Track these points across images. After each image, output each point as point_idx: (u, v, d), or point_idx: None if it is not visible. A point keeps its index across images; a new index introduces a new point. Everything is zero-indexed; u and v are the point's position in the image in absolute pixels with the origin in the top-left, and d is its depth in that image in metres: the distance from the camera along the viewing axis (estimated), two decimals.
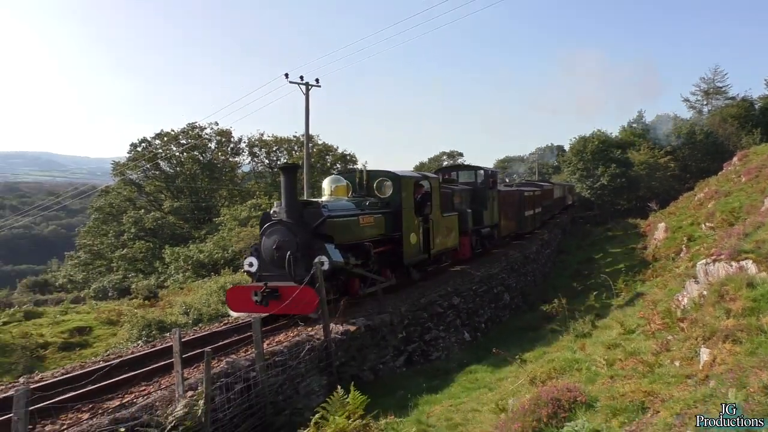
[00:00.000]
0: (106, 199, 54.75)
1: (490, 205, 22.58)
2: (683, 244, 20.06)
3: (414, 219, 15.52)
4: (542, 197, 35.86)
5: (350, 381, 10.68)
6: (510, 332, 17.32)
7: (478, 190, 22.26)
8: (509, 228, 26.40)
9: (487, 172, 23.21)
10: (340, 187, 14.58)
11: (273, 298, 11.46)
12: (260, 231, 12.67)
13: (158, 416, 7.11)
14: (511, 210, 26.68)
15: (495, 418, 7.18)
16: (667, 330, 7.96)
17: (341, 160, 56.01)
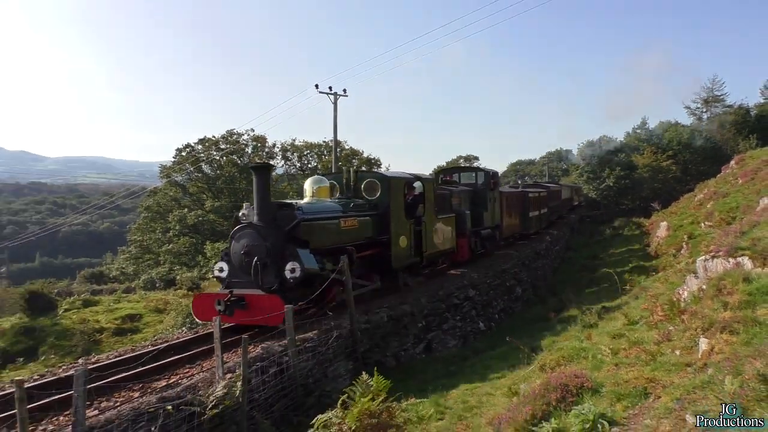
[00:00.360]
0: (154, 199, 55.49)
1: (491, 206, 20.93)
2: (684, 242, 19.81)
3: (404, 221, 14.00)
4: (549, 198, 34.14)
5: (374, 366, 10.72)
6: (522, 322, 17.22)
7: (479, 191, 20.58)
8: (513, 229, 24.89)
9: (487, 173, 21.66)
10: (323, 188, 13.03)
11: (239, 307, 10.04)
12: (230, 234, 11.11)
13: (200, 396, 7.19)
14: (514, 211, 25.19)
15: (507, 402, 7.14)
16: (669, 321, 7.86)
17: (366, 163, 56.08)
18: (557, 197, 39.37)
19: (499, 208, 22.01)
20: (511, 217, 24.35)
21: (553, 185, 42.40)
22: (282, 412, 8.49)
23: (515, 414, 5.61)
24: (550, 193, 35.52)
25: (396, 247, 13.52)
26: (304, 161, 59.18)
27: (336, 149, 34.31)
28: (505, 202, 23.27)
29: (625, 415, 4.97)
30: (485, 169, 22.24)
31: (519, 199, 26.27)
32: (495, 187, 21.52)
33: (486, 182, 21.01)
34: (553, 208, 36.45)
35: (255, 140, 55.78)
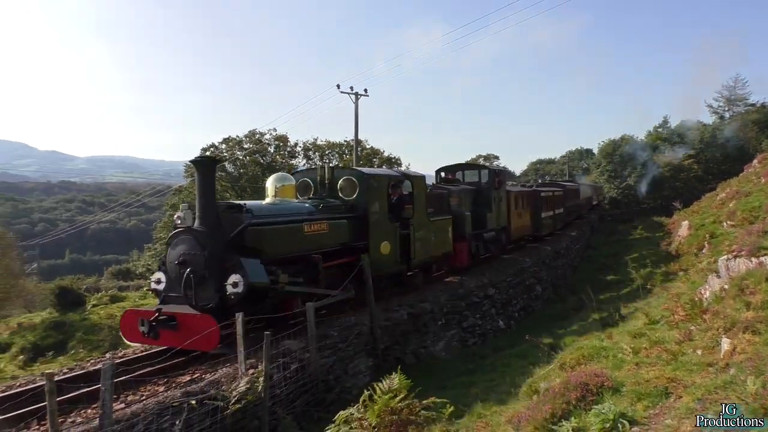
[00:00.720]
0: (179, 197, 56.15)
1: (496, 207, 19.25)
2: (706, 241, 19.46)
3: (388, 224, 12.45)
4: (565, 198, 32.41)
5: (394, 363, 10.75)
6: (541, 321, 17.10)
7: (482, 190, 19.00)
8: (523, 230, 23.42)
9: (492, 171, 20.20)
10: (287, 187, 11.26)
11: (168, 328, 8.45)
12: (167, 240, 9.58)
13: (223, 391, 7.25)
14: (524, 211, 23.65)
15: (527, 400, 7.09)
16: (690, 321, 7.73)
17: (386, 162, 56.09)
18: (575, 196, 37.64)
19: (506, 208, 20.57)
20: (520, 218, 22.91)
21: (571, 184, 40.96)
22: (303, 407, 8.52)
23: (535, 412, 5.56)
24: (567, 192, 33.80)
25: (376, 253, 11.91)
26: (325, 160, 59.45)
27: (357, 148, 34.41)
28: (514, 202, 21.82)
29: (646, 415, 4.90)
30: (489, 166, 20.96)
31: (530, 198, 24.76)
32: (501, 185, 19.91)
33: (490, 181, 19.43)
34: (571, 208, 34.65)
35: (277, 139, 56.13)
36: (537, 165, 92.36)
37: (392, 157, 56.83)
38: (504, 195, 20.31)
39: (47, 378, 5.32)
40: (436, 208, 15.34)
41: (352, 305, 11.71)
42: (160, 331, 8.46)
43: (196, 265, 8.72)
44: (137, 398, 7.04)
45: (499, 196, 19.70)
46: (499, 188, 19.57)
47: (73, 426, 6.07)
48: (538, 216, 25.40)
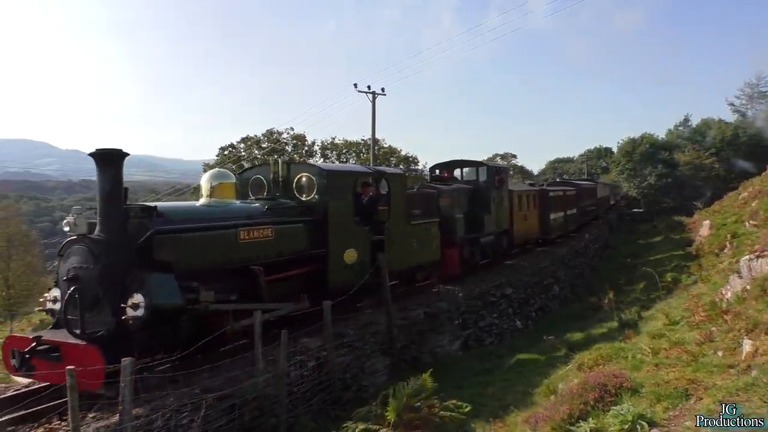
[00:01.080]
0: (197, 196, 56.61)
1: (496, 208, 17.60)
2: (727, 241, 19.18)
3: (354, 229, 10.90)
4: (579, 197, 30.36)
5: (411, 362, 10.76)
6: (559, 321, 16.99)
7: (480, 189, 17.39)
8: (529, 233, 21.79)
9: (491, 168, 18.26)
10: (225, 186, 9.40)
11: (48, 360, 6.80)
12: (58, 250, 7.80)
13: (241, 388, 7.30)
14: (531, 213, 21.95)
15: (545, 400, 7.06)
16: (711, 322, 7.64)
17: (404, 161, 56.08)
18: (591, 195, 35.63)
19: (508, 209, 18.94)
20: (526, 220, 21.22)
21: (586, 182, 39.05)
22: (320, 406, 8.56)
23: (552, 413, 5.54)
24: (581, 191, 31.82)
25: (338, 262, 10.35)
26: (342, 159, 59.60)
27: (374, 147, 34.46)
28: (518, 202, 20.17)
29: (666, 417, 4.85)
30: (489, 163, 18.76)
31: (536, 198, 22.95)
32: (502, 185, 18.23)
33: (489, 179, 17.75)
34: (585, 208, 32.78)
35: (295, 138, 56.37)
36: (555, 164, 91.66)
37: (409, 156, 56.86)
38: (506, 195, 18.79)
39: (69, 374, 5.40)
40: (424, 210, 13.99)
41: (370, 304, 11.72)
42: (37, 364, 6.85)
43: (87, 282, 7.07)
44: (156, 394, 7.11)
45: (500, 196, 18.12)
46: (499, 187, 18.04)
47: (94, 421, 6.15)
48: (546, 217, 23.68)
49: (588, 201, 33.93)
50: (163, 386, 6.96)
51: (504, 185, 18.56)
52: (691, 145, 53.25)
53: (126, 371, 5.81)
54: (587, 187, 35.33)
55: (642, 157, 51.45)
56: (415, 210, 13.63)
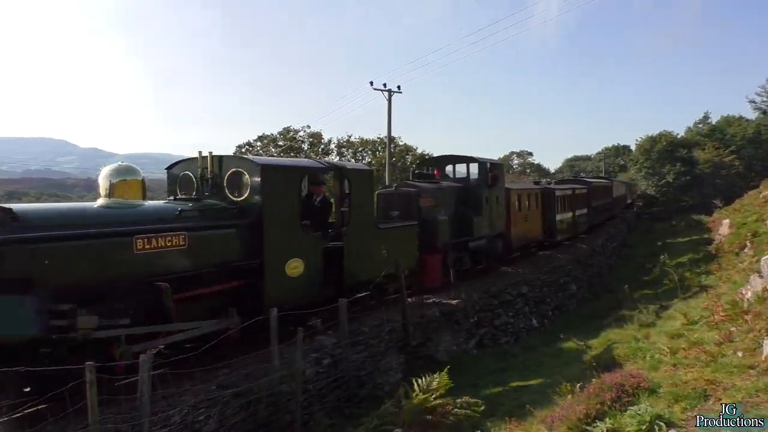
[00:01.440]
0: None
1: (489, 209, 15.98)
2: (748, 240, 18.93)
3: (299, 234, 9.15)
4: (590, 196, 28.54)
5: (426, 360, 10.75)
6: (576, 320, 16.88)
7: (471, 188, 15.83)
8: (529, 236, 19.96)
9: (484, 164, 16.30)
10: (129, 183, 7.87)
11: None
12: None
13: (257, 385, 7.35)
14: (532, 214, 20.19)
15: (561, 400, 7.01)
16: (731, 322, 7.55)
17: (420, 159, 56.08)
18: (605, 194, 33.92)
19: (504, 210, 17.35)
20: (526, 222, 19.54)
21: (600, 180, 37.31)
22: (335, 403, 8.59)
23: (569, 412, 5.50)
24: (593, 189, 29.80)
25: (277, 274, 8.72)
26: (358, 157, 59.69)
27: (390, 145, 34.46)
28: (516, 202, 18.67)
29: (684, 417, 4.80)
30: (481, 159, 16.64)
31: (540, 198, 21.20)
32: (496, 182, 16.45)
33: (481, 177, 16.14)
34: (598, 209, 30.91)
35: (311, 137, 56.53)
36: (572, 162, 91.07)
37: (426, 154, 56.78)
38: (501, 194, 17.10)
39: (88, 370, 5.45)
40: (403, 212, 12.65)
41: (384, 302, 11.71)
42: None
43: None
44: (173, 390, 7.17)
45: (494, 196, 16.45)
46: (493, 185, 16.27)
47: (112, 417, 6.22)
48: (551, 219, 21.79)
49: (602, 200, 32.31)
50: (180, 382, 7.01)
51: (499, 183, 16.85)
52: (710, 142, 52.55)
53: (144, 367, 5.87)
54: (601, 186, 33.63)
55: (660, 155, 50.91)
56: (393, 212, 12.55)
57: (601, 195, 32.34)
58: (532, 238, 20.43)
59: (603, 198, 32.74)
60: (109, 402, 5.99)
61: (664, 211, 48.08)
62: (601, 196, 32.30)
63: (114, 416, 6.01)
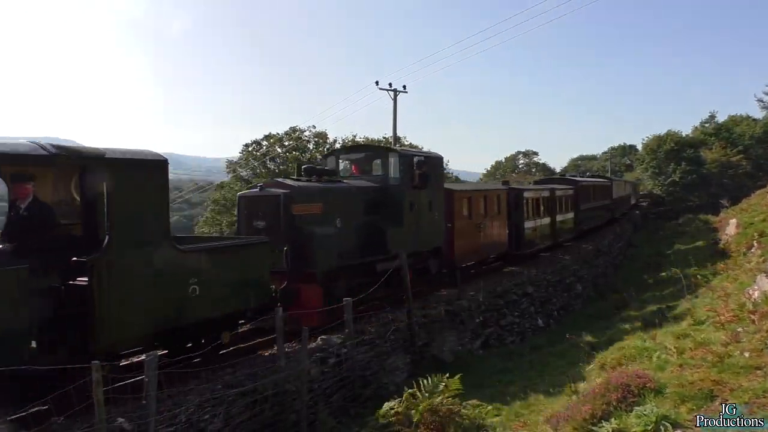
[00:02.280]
0: (221, 193, 57.10)
1: (415, 217, 12.30)
2: (755, 240, 18.84)
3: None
4: (579, 197, 25.17)
5: (431, 360, 10.75)
6: (582, 320, 16.83)
7: (388, 189, 12.07)
8: (482, 251, 16.22)
9: (408, 159, 12.38)
10: None
11: None
12: None
13: (262, 384, 7.36)
14: (491, 221, 16.55)
15: (566, 400, 7.00)
16: (738, 322, 7.51)
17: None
18: (602, 195, 30.58)
19: (443, 218, 13.73)
20: (478, 232, 15.74)
21: (594, 179, 33.18)
22: (340, 402, 8.60)
23: (574, 413, 5.49)
24: (581, 190, 25.92)
25: None
26: None
27: (395, 145, 34.48)
28: (463, 207, 15.20)
29: (690, 418, 4.78)
30: (405, 150, 13.58)
31: (502, 202, 17.73)
32: (425, 182, 12.58)
33: (404, 175, 12.15)
34: (590, 212, 27.52)
35: (317, 136, 56.58)
36: (578, 161, 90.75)
37: None
38: (438, 197, 13.46)
39: (94, 369, 5.47)
40: (269, 223, 9.74)
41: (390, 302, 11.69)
42: None
43: None
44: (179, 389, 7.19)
45: (425, 200, 12.77)
46: (422, 186, 12.56)
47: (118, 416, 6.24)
48: (519, 227, 18.40)
49: (597, 202, 29.19)
50: (185, 382, 7.04)
51: (432, 183, 13.01)
52: (717, 142, 52.28)
53: (150, 366, 5.89)
54: (595, 185, 29.97)
55: (667, 155, 50.72)
56: (258, 222, 9.81)
57: (596, 196, 29.23)
58: (489, 252, 16.81)
59: (599, 199, 29.76)
60: (115, 401, 6.03)
61: (670, 210, 47.90)
62: (596, 197, 29.19)
63: (120, 415, 6.04)
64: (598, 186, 30.87)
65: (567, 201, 23.78)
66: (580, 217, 25.36)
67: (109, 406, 5.74)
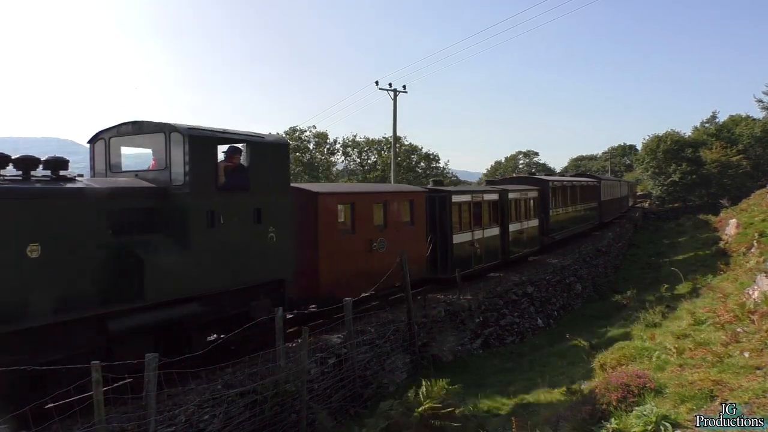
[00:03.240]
0: None
1: (225, 235, 8.07)
2: (754, 240, 18.88)
3: None
4: (546, 201, 20.97)
5: (431, 360, 10.75)
6: (582, 320, 16.85)
7: (165, 192, 7.71)
8: (370, 278, 11.02)
9: (203, 143, 7.90)
10: None
11: None
12: None
13: (262, 384, 7.36)
14: (395, 237, 12.11)
15: (566, 400, 7.00)
16: (737, 322, 7.51)
17: (425, 159, 56.06)
18: (587, 197, 26.99)
19: (293, 234, 9.36)
20: (372, 252, 11.56)
21: (578, 179, 28.77)
22: (340, 402, 8.59)
23: (574, 413, 5.49)
24: (550, 192, 21.49)
25: None
26: (364, 157, 59.79)
27: (395, 145, 34.49)
28: (343, 217, 11.51)
29: (689, 418, 4.78)
30: (197, 130, 7.86)
31: (416, 208, 13.29)
32: (247, 182, 8.51)
33: (197, 169, 7.73)
34: (565, 218, 23.39)
35: (317, 136, 56.64)
36: (578, 161, 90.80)
37: (431, 153, 56.77)
38: (275, 203, 8.99)
39: (94, 369, 5.46)
40: None
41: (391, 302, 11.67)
42: None
43: None
44: (179, 389, 7.18)
45: (243, 209, 8.50)
46: (237, 188, 8.51)
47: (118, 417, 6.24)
48: (445, 242, 14.13)
49: (577, 205, 25.27)
50: (185, 382, 7.03)
51: (264, 180, 8.80)
52: (717, 142, 52.25)
53: (150, 366, 5.89)
54: (575, 186, 25.63)
55: (666, 155, 50.74)
56: None
57: (575, 198, 25.14)
58: (394, 277, 11.30)
59: (580, 201, 25.88)
60: (115, 401, 6.03)
61: (670, 210, 47.93)
62: (575, 200, 25.15)
63: (120, 415, 6.04)
64: (581, 186, 26.63)
65: (528, 206, 19.32)
66: (550, 225, 21.24)
67: (109, 407, 5.73)
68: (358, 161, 60.38)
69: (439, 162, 55.14)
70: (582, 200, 26.39)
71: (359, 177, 57.91)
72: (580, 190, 26.20)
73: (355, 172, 60.19)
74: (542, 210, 20.77)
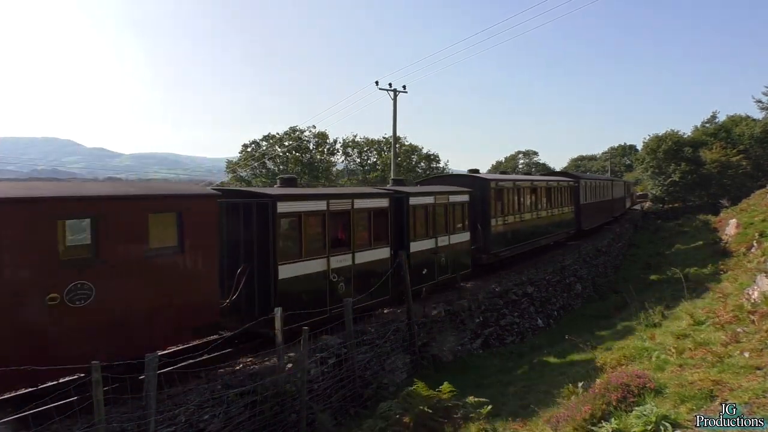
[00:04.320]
0: None
1: None
2: (754, 240, 18.89)
3: None
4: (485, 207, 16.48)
5: (431, 360, 10.74)
6: (582, 320, 16.83)
7: None
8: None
9: None
10: None
11: None
12: None
13: (262, 384, 7.36)
14: (134, 274, 7.03)
15: (566, 400, 7.00)
16: (737, 322, 7.52)
17: (425, 159, 56.06)
18: (557, 201, 22.72)
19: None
20: (40, 315, 6.22)
21: (548, 177, 24.91)
22: (340, 402, 8.59)
23: (574, 413, 5.49)
24: (493, 193, 16.90)
25: None
26: (364, 157, 59.78)
27: (395, 145, 34.47)
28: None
29: (690, 418, 4.78)
30: None
31: (193, 227, 7.92)
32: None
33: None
34: (518, 228, 18.65)
35: (317, 136, 56.63)
36: (578, 161, 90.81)
37: (431, 154, 56.76)
38: None
39: (94, 369, 5.47)
40: None
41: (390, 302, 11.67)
42: None
43: None
44: (179, 390, 7.19)
45: None
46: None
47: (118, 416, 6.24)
48: (266, 276, 8.96)
49: (535, 212, 20.52)
50: (186, 382, 7.04)
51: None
52: (717, 142, 52.22)
53: (150, 366, 5.89)
54: (539, 187, 21.02)
55: (666, 155, 50.71)
56: None
57: (536, 202, 20.76)
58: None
59: (544, 207, 21.52)
60: (115, 401, 6.03)
61: (670, 210, 47.91)
62: (537, 205, 20.77)
63: (120, 415, 6.04)
64: (548, 188, 21.98)
65: (451, 214, 14.40)
66: (491, 239, 16.68)
67: (109, 407, 5.74)
68: (358, 161, 60.39)
69: (439, 162, 55.14)
70: (551, 205, 22.15)
71: (359, 177, 57.96)
72: (546, 192, 21.67)
73: (355, 172, 60.20)
74: (479, 219, 16.31)
